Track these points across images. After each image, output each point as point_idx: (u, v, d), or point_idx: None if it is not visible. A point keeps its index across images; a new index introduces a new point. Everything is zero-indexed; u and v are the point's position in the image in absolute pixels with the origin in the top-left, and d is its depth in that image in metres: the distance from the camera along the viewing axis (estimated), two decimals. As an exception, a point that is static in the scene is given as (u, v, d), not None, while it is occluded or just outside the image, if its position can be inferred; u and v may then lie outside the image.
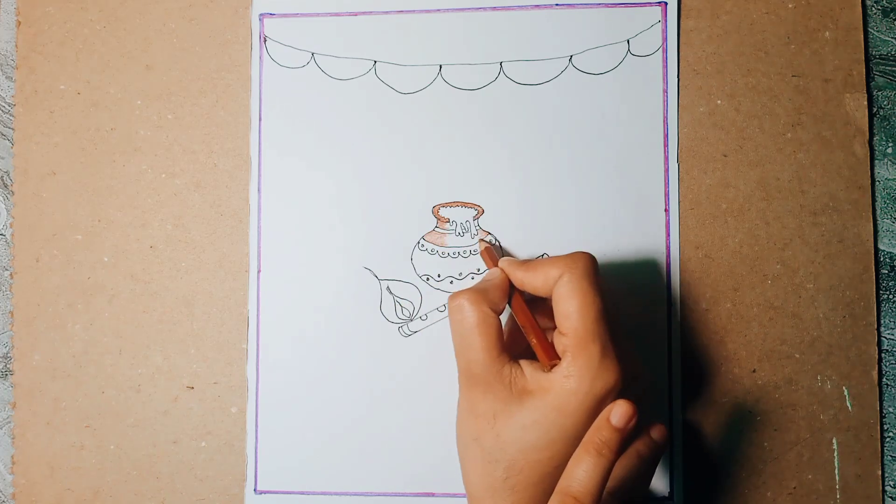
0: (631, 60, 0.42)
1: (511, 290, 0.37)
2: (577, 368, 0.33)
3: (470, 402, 0.35)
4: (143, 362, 0.42)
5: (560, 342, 0.34)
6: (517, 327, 0.38)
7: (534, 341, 0.35)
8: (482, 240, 0.41)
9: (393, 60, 0.42)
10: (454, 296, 0.35)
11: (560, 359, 0.34)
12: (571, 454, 0.33)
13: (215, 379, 0.42)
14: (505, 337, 0.38)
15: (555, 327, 0.35)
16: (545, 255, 0.41)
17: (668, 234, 0.41)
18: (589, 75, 0.42)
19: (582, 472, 0.32)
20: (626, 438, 0.32)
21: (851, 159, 0.41)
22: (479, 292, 0.35)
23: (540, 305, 0.37)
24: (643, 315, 0.41)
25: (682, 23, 0.42)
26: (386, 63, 0.42)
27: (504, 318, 0.37)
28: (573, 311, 0.33)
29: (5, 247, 0.44)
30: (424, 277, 0.42)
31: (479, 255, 0.42)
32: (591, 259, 0.34)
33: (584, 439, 0.33)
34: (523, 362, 0.35)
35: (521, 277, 0.36)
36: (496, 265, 0.38)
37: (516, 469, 0.33)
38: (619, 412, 0.32)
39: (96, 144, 0.43)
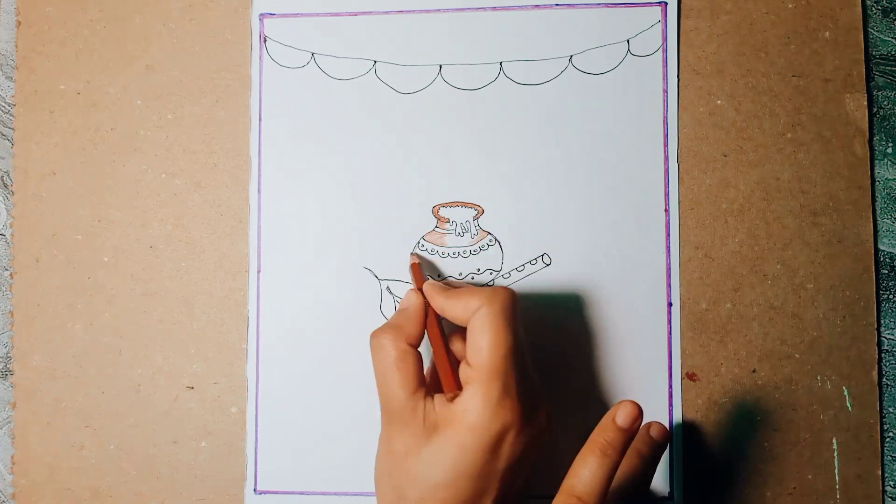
0: (631, 60, 0.42)
1: (427, 315, 0.37)
2: (475, 404, 0.33)
3: (387, 439, 0.35)
4: (143, 362, 0.42)
5: (465, 373, 0.34)
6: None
7: (441, 367, 0.35)
8: (413, 253, 0.41)
9: (393, 60, 0.42)
10: (374, 333, 0.35)
11: (460, 387, 0.34)
12: (475, 491, 0.33)
13: (215, 379, 0.42)
14: (429, 369, 0.39)
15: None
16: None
17: (668, 234, 0.41)
18: (589, 75, 0.42)
19: (586, 472, 0.32)
20: (631, 438, 0.32)
21: (851, 159, 0.42)
22: (396, 328, 0.35)
23: (461, 334, 0.37)
24: (643, 315, 0.41)
25: (682, 23, 0.42)
26: (386, 63, 0.42)
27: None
28: (483, 346, 0.33)
29: (5, 247, 0.44)
30: (425, 277, 0.42)
31: (477, 255, 0.42)
32: (511, 295, 0.35)
33: (589, 439, 0.32)
34: (436, 396, 0.35)
35: (441, 304, 0.36)
36: (419, 285, 0.38)
37: None
38: (624, 412, 0.32)
39: (96, 144, 0.43)
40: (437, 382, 0.37)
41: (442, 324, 0.37)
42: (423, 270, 0.40)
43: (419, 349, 0.36)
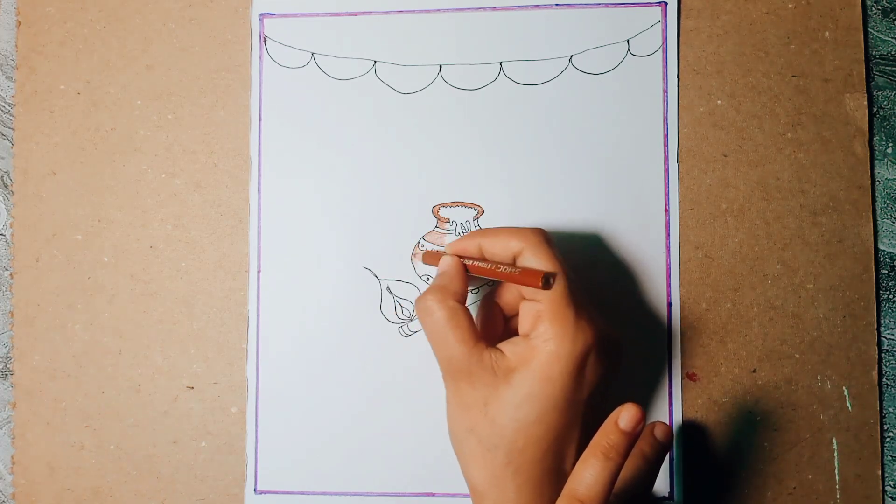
0: (631, 60, 0.42)
1: (466, 270, 0.37)
2: (554, 331, 0.33)
3: (458, 396, 0.35)
4: (143, 362, 0.42)
5: (533, 310, 0.34)
6: (488, 315, 0.38)
7: (515, 277, 0.34)
8: (414, 255, 0.42)
9: (393, 60, 0.42)
10: (419, 299, 0.35)
11: (553, 272, 0.34)
12: (565, 423, 0.33)
13: (215, 379, 0.42)
14: (479, 326, 0.38)
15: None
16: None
17: (668, 234, 0.41)
18: (589, 75, 0.42)
19: (589, 475, 0.32)
20: (634, 442, 0.32)
21: (851, 159, 0.41)
22: (440, 288, 0.35)
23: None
24: (643, 315, 0.41)
25: (682, 23, 0.42)
26: (386, 63, 0.42)
27: (473, 310, 0.37)
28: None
29: (5, 247, 0.44)
30: (424, 277, 0.42)
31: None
32: (547, 233, 0.35)
33: (592, 442, 0.33)
34: (501, 344, 0.35)
35: (479, 244, 0.36)
36: (443, 255, 0.38)
37: (517, 450, 0.33)
38: (627, 416, 0.32)
39: (96, 144, 0.43)
40: (493, 338, 0.37)
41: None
42: (431, 251, 0.40)
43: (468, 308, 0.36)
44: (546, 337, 0.33)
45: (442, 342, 0.35)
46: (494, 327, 0.38)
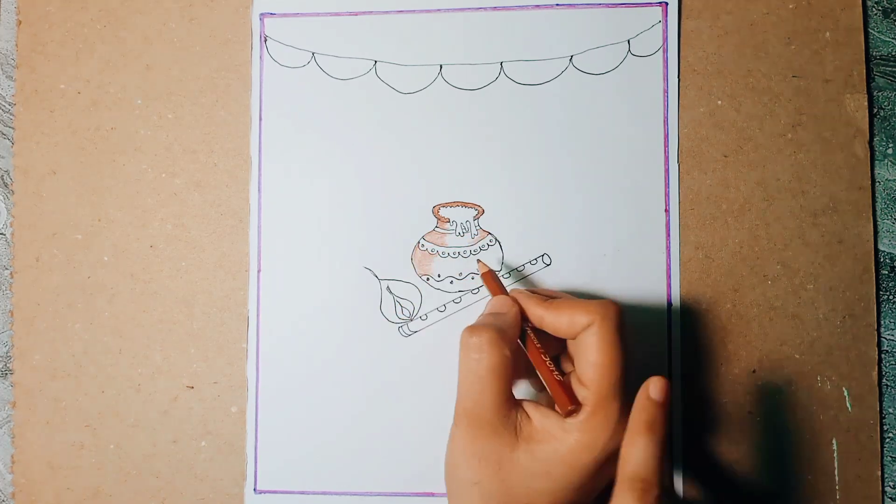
0: (631, 60, 0.42)
1: (523, 328, 0.35)
2: (595, 424, 0.32)
3: (470, 445, 0.33)
4: (143, 362, 0.42)
5: (578, 391, 0.33)
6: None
7: (551, 384, 0.34)
8: (480, 261, 0.41)
9: (393, 60, 0.42)
10: (472, 331, 0.34)
11: (579, 405, 0.33)
12: (578, 497, 0.33)
13: (215, 379, 0.42)
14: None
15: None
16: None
17: (668, 234, 0.41)
18: (589, 75, 0.42)
19: (640, 453, 0.31)
20: (668, 412, 0.32)
21: (851, 160, 0.41)
22: (499, 332, 0.33)
23: (541, 338, 0.36)
24: (643, 315, 0.41)
25: (682, 23, 0.42)
26: (386, 63, 0.42)
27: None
28: (600, 364, 0.32)
29: (5, 247, 0.44)
30: (424, 277, 0.42)
31: (477, 255, 0.41)
32: (620, 310, 0.34)
33: (631, 421, 0.32)
34: (527, 405, 0.34)
35: (540, 314, 0.35)
36: (502, 292, 0.37)
37: None
38: (656, 388, 0.32)
39: (96, 144, 0.43)
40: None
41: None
42: (496, 276, 0.39)
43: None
44: (584, 428, 0.32)
45: (478, 389, 0.33)
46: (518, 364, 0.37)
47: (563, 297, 0.36)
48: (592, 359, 0.33)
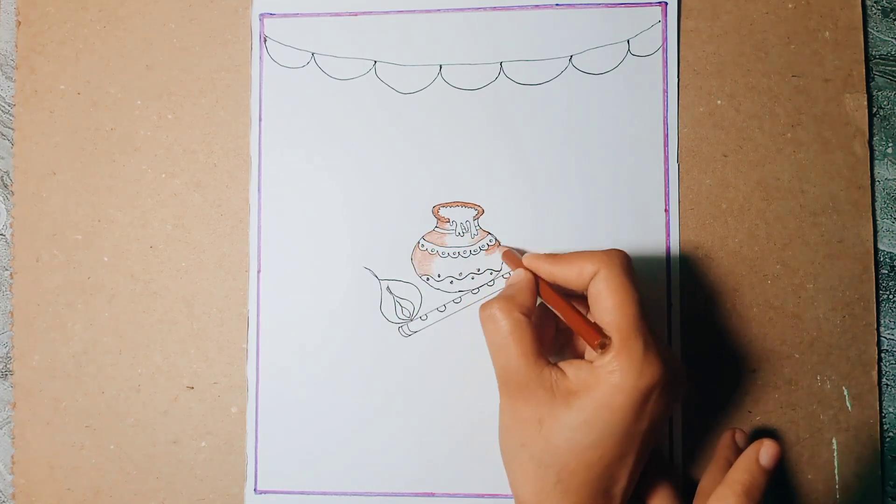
0: (631, 60, 0.42)
1: (537, 287, 0.36)
2: (620, 363, 0.32)
3: (513, 410, 0.34)
4: (143, 362, 0.42)
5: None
6: (548, 330, 0.38)
7: (576, 325, 0.34)
8: (501, 244, 0.41)
9: (393, 60, 0.42)
10: (484, 306, 0.35)
11: (608, 337, 0.33)
12: (620, 451, 0.33)
13: (215, 379, 0.42)
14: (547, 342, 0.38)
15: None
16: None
17: (668, 234, 0.41)
18: (589, 75, 0.42)
19: None
20: (771, 479, 0.31)
21: (851, 159, 0.42)
22: (508, 299, 0.35)
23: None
24: (643, 315, 0.41)
25: (682, 23, 0.42)
26: (386, 63, 0.42)
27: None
28: (614, 306, 0.33)
29: (5, 247, 0.44)
30: (424, 277, 0.42)
31: (479, 254, 0.42)
32: (626, 256, 0.34)
33: (728, 478, 0.31)
34: (562, 364, 0.34)
35: (551, 270, 0.35)
36: (518, 265, 0.37)
37: (568, 471, 0.33)
38: (768, 452, 0.31)
39: (96, 144, 0.43)
40: (551, 353, 0.37)
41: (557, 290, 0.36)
42: (515, 253, 0.39)
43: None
44: (611, 368, 0.32)
45: (503, 353, 0.34)
46: (555, 343, 0.38)
47: (573, 252, 0.36)
48: (605, 303, 0.33)
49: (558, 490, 0.33)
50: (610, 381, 0.32)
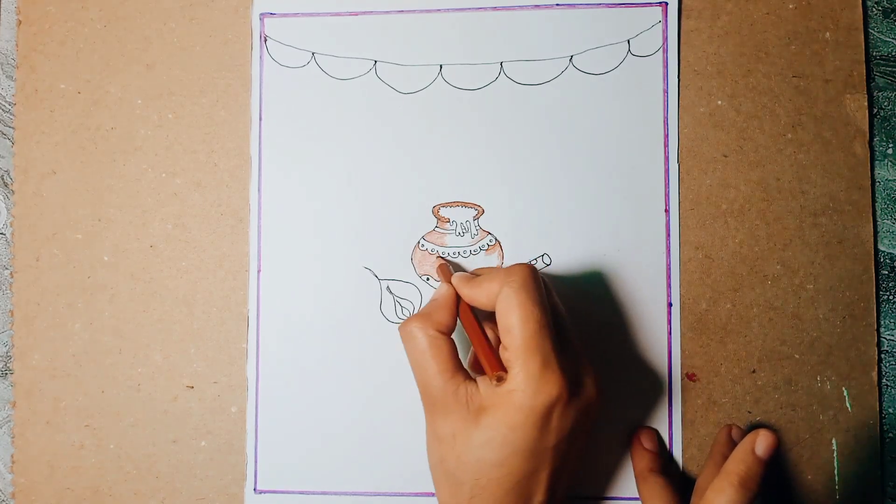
0: (631, 61, 0.42)
1: (458, 304, 0.37)
2: (518, 383, 0.32)
3: (432, 426, 0.35)
4: (143, 362, 0.42)
5: (504, 356, 0.34)
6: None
7: (480, 351, 0.35)
8: (440, 256, 0.41)
9: (393, 60, 0.42)
10: (404, 323, 0.36)
11: (505, 369, 0.34)
12: (529, 466, 0.33)
13: (215, 378, 0.42)
14: (471, 357, 0.39)
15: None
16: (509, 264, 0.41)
17: (668, 234, 0.41)
18: (589, 75, 0.42)
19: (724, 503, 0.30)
20: (767, 470, 0.31)
21: (851, 160, 0.42)
22: (426, 316, 0.35)
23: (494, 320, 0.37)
24: (643, 315, 0.41)
25: (682, 23, 0.42)
26: (386, 63, 0.42)
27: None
28: (513, 324, 0.33)
29: (5, 246, 0.44)
30: (424, 278, 0.42)
31: (479, 254, 0.42)
32: (529, 270, 0.34)
33: (725, 470, 0.31)
34: (479, 379, 0.35)
35: (468, 294, 0.36)
36: (447, 280, 0.38)
37: (479, 487, 0.33)
38: (763, 443, 0.31)
39: (97, 144, 0.43)
40: (481, 369, 0.37)
41: (476, 312, 0.37)
42: (449, 268, 0.40)
43: (453, 339, 0.36)
44: (511, 387, 0.33)
45: (421, 371, 0.35)
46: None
47: (486, 272, 0.36)
48: (504, 322, 0.33)
49: None
50: (510, 399, 0.33)
